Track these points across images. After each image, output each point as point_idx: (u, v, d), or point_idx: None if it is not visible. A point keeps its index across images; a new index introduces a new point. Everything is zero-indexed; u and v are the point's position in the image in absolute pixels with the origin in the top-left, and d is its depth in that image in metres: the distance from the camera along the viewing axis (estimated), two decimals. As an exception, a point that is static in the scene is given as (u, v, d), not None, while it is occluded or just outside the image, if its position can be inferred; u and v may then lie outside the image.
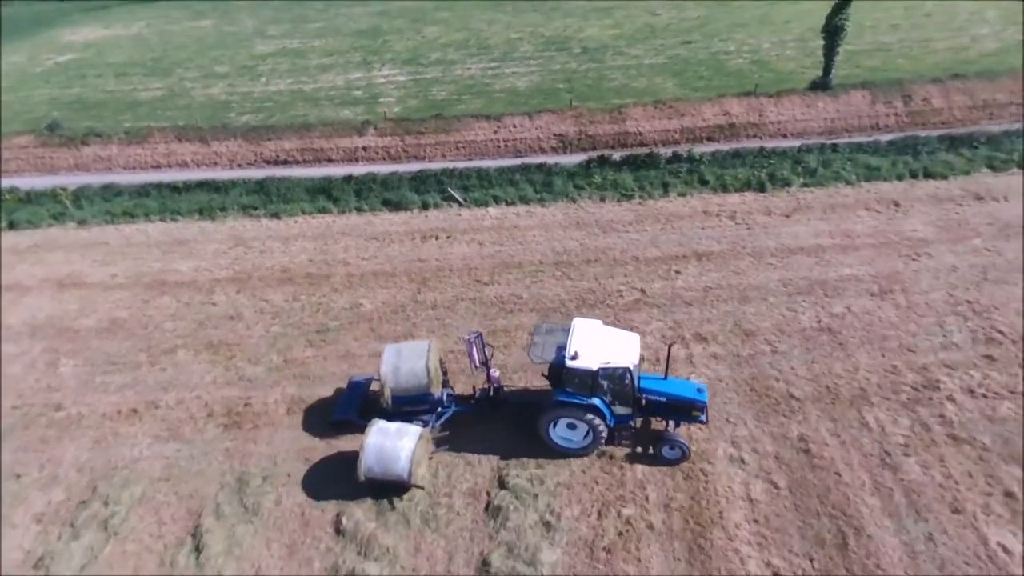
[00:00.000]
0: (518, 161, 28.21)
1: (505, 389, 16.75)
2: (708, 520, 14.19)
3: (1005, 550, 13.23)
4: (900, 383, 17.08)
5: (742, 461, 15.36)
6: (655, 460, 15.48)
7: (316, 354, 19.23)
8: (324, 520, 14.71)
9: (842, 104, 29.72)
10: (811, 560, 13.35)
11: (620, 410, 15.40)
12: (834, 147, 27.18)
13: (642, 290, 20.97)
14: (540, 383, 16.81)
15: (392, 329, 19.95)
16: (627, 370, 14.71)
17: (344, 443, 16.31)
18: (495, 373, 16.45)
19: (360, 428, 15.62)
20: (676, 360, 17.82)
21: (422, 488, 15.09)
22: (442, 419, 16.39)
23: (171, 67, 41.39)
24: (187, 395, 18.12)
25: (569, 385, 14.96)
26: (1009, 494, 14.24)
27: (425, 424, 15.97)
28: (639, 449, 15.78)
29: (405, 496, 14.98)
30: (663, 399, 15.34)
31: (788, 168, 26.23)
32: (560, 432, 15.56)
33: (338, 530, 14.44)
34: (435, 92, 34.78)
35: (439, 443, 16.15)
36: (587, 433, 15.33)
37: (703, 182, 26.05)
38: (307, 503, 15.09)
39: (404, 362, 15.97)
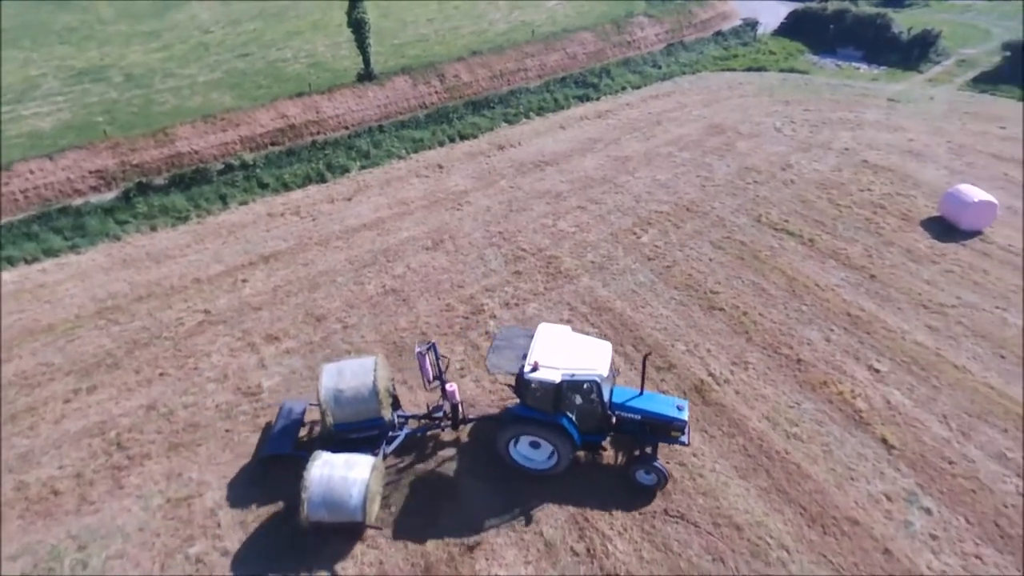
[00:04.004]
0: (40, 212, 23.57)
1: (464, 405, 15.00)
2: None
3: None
4: (454, 317, 18.89)
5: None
6: (627, 486, 13.67)
7: None
8: None
9: (389, 90, 32.03)
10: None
11: (588, 429, 13.49)
12: (380, 128, 29.15)
13: (206, 311, 19.30)
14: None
15: None
16: (595, 383, 12.94)
17: None
18: (452, 388, 14.59)
19: (296, 463, 13.25)
20: (246, 367, 16.80)
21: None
22: (393, 445, 14.31)
23: None
24: None
25: (530, 399, 13.02)
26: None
27: (375, 453, 13.64)
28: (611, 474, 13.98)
29: None
30: (637, 416, 13.55)
31: (344, 155, 27.20)
32: (522, 451, 13.81)
33: None
34: (-89, 154, 27.04)
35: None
36: (552, 453, 13.52)
37: (263, 186, 25.38)
38: None
39: (347, 383, 13.87)
